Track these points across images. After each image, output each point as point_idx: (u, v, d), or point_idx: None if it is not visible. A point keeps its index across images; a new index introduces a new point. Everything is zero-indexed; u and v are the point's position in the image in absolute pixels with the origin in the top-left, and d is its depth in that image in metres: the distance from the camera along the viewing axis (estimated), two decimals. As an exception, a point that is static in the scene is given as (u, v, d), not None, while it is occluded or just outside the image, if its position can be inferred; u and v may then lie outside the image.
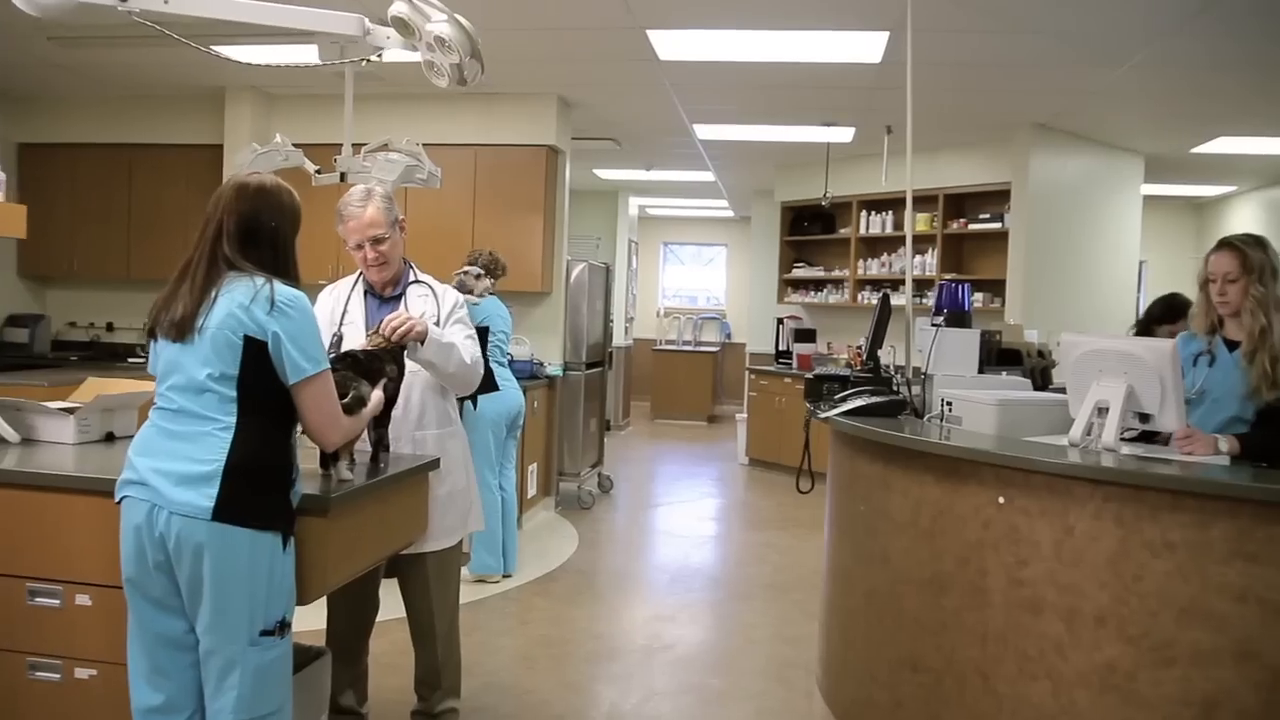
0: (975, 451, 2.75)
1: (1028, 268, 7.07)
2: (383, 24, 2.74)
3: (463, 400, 4.98)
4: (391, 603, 3.14)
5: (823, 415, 3.41)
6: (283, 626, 2.17)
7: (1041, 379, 4.41)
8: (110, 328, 7.23)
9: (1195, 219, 10.69)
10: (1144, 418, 2.74)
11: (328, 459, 2.41)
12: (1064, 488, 2.54)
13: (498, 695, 3.65)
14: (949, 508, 2.85)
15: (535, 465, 6.45)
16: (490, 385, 4.98)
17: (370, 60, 2.83)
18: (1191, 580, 2.31)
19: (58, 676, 2.40)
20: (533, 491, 6.42)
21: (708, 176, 10.01)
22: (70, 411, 2.84)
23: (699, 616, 4.77)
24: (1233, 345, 2.90)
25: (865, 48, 5.12)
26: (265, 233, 2.21)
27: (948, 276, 4.63)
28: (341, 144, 3.44)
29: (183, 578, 2.09)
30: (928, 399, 3.58)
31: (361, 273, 3.00)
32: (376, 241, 2.88)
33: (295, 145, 4.78)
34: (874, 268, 8.63)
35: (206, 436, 2.10)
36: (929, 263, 7.98)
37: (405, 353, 2.74)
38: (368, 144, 4.78)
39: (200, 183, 5.99)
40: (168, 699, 2.15)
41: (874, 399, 3.39)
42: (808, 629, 4.28)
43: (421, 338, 2.71)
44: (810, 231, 9.25)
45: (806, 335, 8.91)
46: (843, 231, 8.92)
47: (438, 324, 2.91)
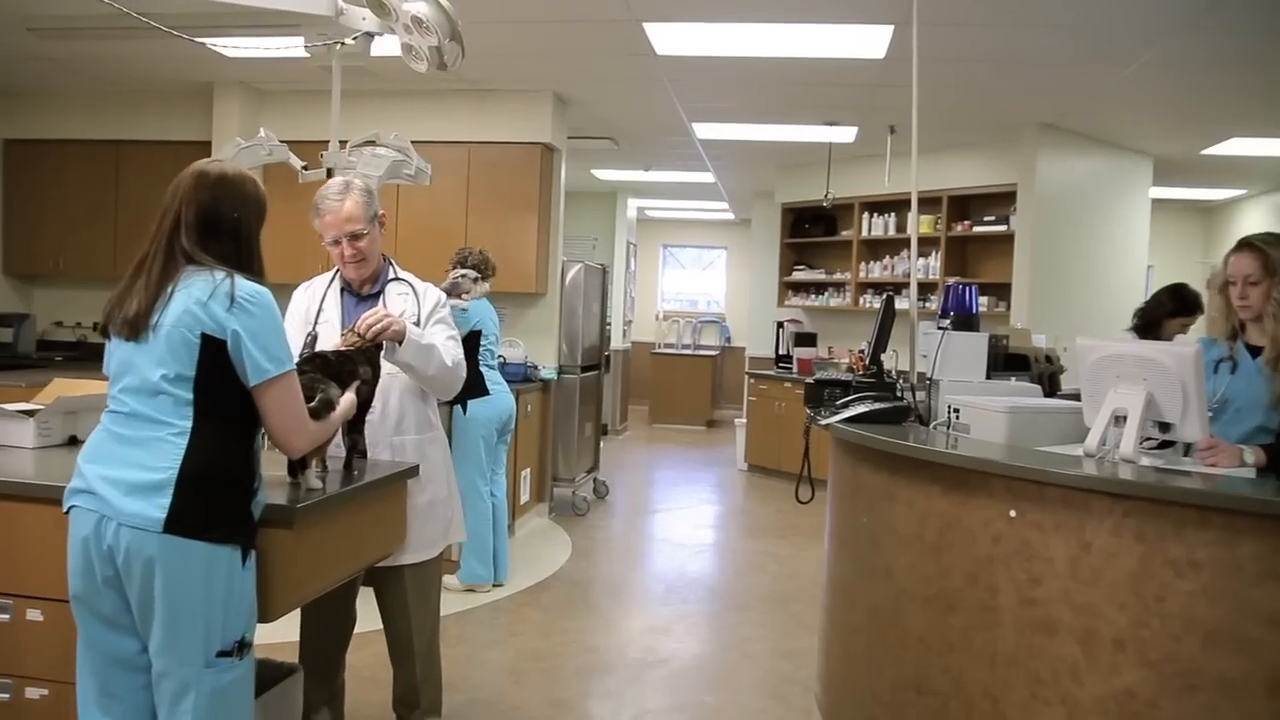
0: (985, 462, 2.60)
1: (1034, 271, 6.92)
2: (358, 4, 2.60)
3: (452, 404, 4.85)
4: (373, 612, 2.97)
5: (823, 422, 3.26)
6: (242, 647, 2.02)
7: (1050, 385, 4.27)
8: (97, 328, 7.05)
9: (1203, 223, 10.54)
10: (1164, 427, 2.58)
11: (296, 466, 2.27)
12: (1080, 501, 2.39)
13: (482, 712, 3.50)
14: (957, 521, 2.70)
15: (529, 470, 6.29)
16: (480, 389, 4.84)
17: (349, 43, 2.68)
18: (1220, 602, 2.16)
19: (7, 696, 2.29)
20: (526, 497, 6.27)
21: (707, 178, 9.86)
22: (30, 414, 2.70)
23: (695, 629, 4.62)
24: (1255, 351, 2.77)
25: (869, 42, 4.97)
26: (227, 224, 2.07)
27: (952, 280, 4.51)
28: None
29: (133, 594, 1.94)
30: (933, 405, 3.44)
31: (338, 269, 2.86)
32: (354, 237, 2.72)
33: (285, 142, 4.64)
34: (876, 271, 8.49)
35: (160, 442, 1.95)
36: (932, 266, 7.84)
37: (382, 354, 2.59)
38: (354, 139, 4.64)
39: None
40: (118, 724, 2.00)
41: (877, 405, 3.23)
42: (807, 643, 4.13)
43: (399, 337, 2.56)
44: (811, 233, 9.10)
45: (807, 339, 8.76)
46: (844, 234, 8.78)
47: (418, 324, 2.76)
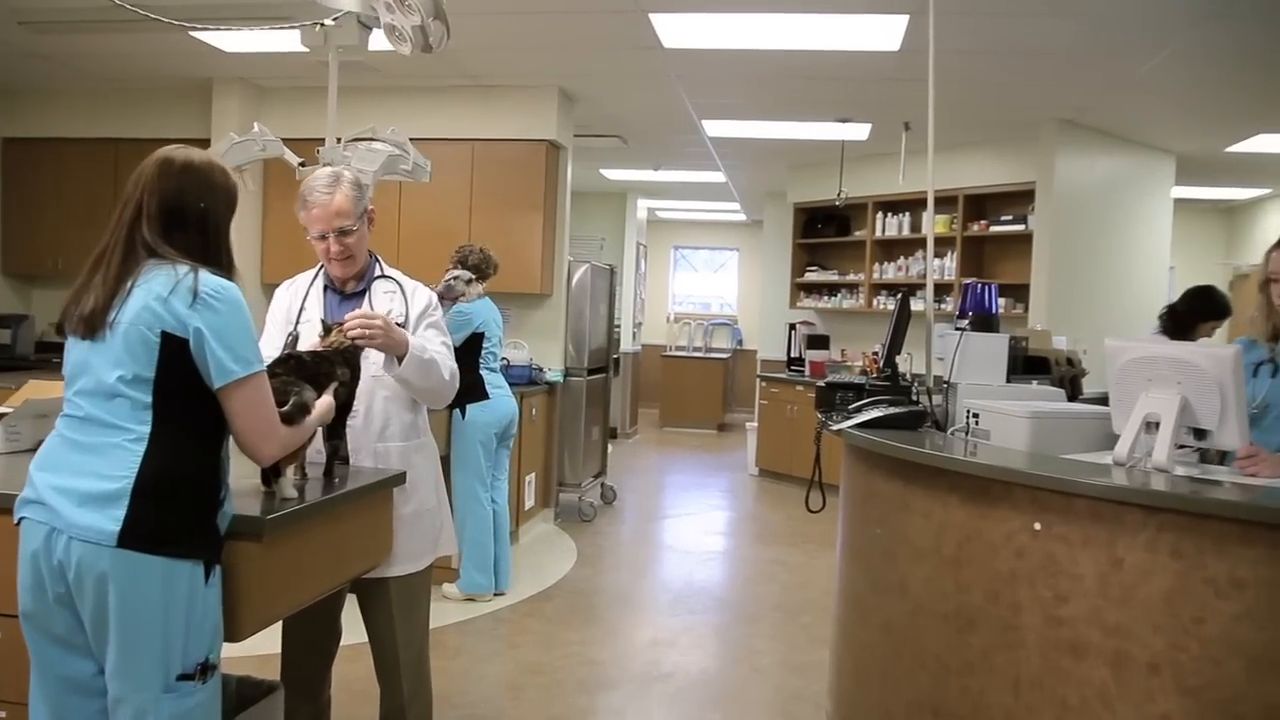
0: (1008, 471, 2.42)
1: (1052, 272, 6.73)
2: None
3: (450, 409, 4.70)
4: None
5: (835, 427, 3.09)
6: (205, 670, 1.87)
7: (1071, 389, 4.10)
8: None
9: (1225, 223, 10.31)
10: (1200, 434, 2.41)
11: (270, 474, 2.12)
12: (1112, 514, 2.22)
13: (477, 730, 3.35)
14: (977, 533, 2.53)
15: (533, 475, 6.14)
16: (480, 393, 4.69)
17: (329, 24, 2.53)
18: (1267, 625, 1.98)
19: (-38, 718, 2.13)
20: (530, 503, 6.12)
21: (718, 177, 9.70)
22: (-1, 417, 2.57)
23: (701, 641, 4.45)
24: (1297, 353, 2.59)
25: (883, 34, 4.80)
26: (192, 214, 1.93)
27: (968, 280, 4.35)
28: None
29: (86, 613, 1.80)
30: (950, 410, 3.27)
31: (322, 266, 2.71)
32: (343, 234, 2.56)
33: (285, 139, 4.49)
34: (890, 271, 8.31)
35: (115, 449, 1.81)
36: (948, 266, 7.66)
37: (383, 367, 2.47)
38: (350, 133, 4.49)
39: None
40: (72, 753, 1.86)
41: (892, 410, 3.06)
42: (817, 657, 3.96)
43: (399, 351, 2.43)
44: (824, 234, 8.92)
45: (819, 341, 8.58)
46: (858, 234, 8.61)
47: (404, 325, 2.61)
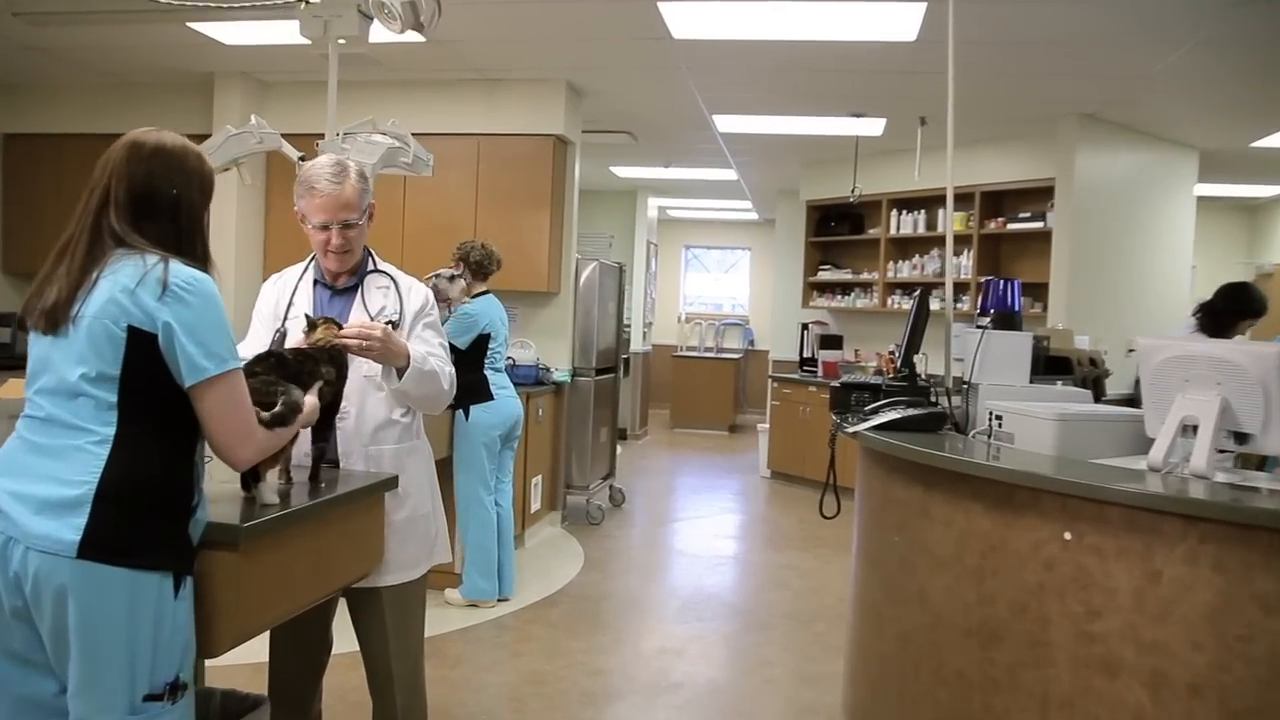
0: (1037, 477, 2.28)
1: (1072, 270, 6.55)
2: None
3: (453, 409, 4.57)
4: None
5: (851, 429, 2.95)
6: (174, 689, 1.74)
7: (1094, 390, 3.95)
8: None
9: (1247, 222, 10.10)
10: (1240, 438, 2.27)
11: (249, 478, 2.00)
12: (1149, 524, 2.07)
13: (476, 744, 3.22)
14: (1002, 543, 2.39)
15: (540, 478, 6.01)
16: (484, 394, 4.56)
17: (312, 3, 2.40)
18: (1321, 647, 1.84)
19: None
20: (537, 506, 5.98)
21: (730, 175, 9.55)
22: (-29, 418, 2.44)
23: (711, 650, 4.31)
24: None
25: (899, 23, 4.64)
26: (164, 201, 1.80)
27: (989, 277, 4.22)
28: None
29: (44, 629, 1.67)
30: (970, 412, 3.13)
31: (312, 259, 2.58)
32: (346, 226, 2.42)
33: (288, 135, 4.38)
34: (905, 270, 8.14)
35: (77, 452, 1.68)
36: (964, 265, 7.49)
37: (380, 378, 2.36)
38: (349, 125, 4.36)
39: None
40: (32, 779, 1.73)
41: (911, 411, 2.92)
42: (831, 667, 3.82)
43: (400, 362, 2.32)
44: (837, 232, 8.76)
45: (832, 341, 8.43)
46: (871, 232, 8.45)
47: (397, 324, 2.47)
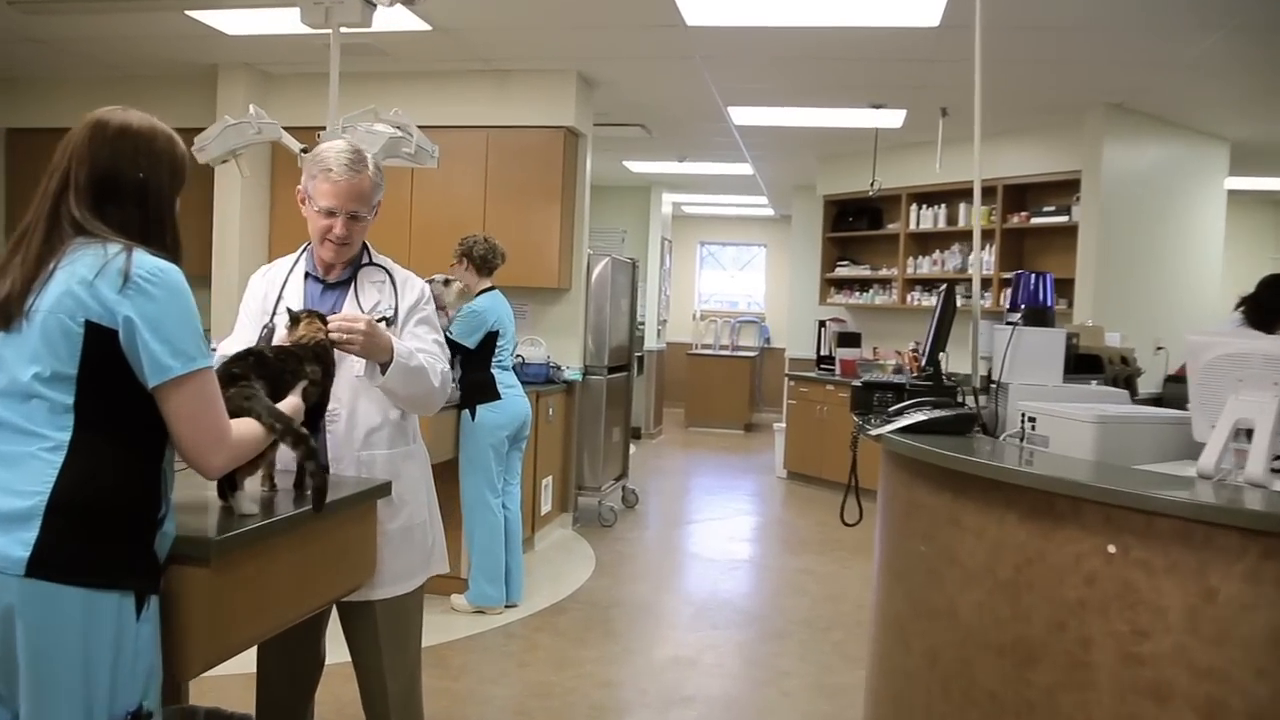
0: (1078, 485, 2.10)
1: (1100, 265, 6.34)
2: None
3: (460, 409, 4.43)
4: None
5: (874, 432, 2.78)
6: (137, 718, 1.60)
7: (1126, 389, 3.76)
8: None
9: (1276, 216, 9.84)
10: (1300, 443, 2.09)
11: (225, 486, 1.85)
12: (1203, 537, 1.89)
13: (479, 762, 3.07)
14: (1039, 555, 2.21)
15: (550, 479, 5.86)
16: (491, 393, 4.41)
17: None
18: (1404, 677, 1.66)
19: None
20: (547, 507, 5.84)
21: (745, 169, 9.37)
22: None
23: (725, 660, 4.14)
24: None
25: (921, 7, 4.45)
26: (129, 186, 1.66)
27: (1019, 271, 4.06)
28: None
29: (-7, 653, 1.53)
30: (1000, 413, 2.95)
31: (304, 251, 2.43)
32: (353, 218, 2.28)
33: (292, 127, 4.23)
34: (925, 266, 7.95)
35: (29, 460, 1.54)
36: (987, 260, 7.29)
37: (364, 374, 2.20)
38: (351, 114, 4.21)
39: (192, 169, 5.47)
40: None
41: (939, 412, 2.74)
42: (850, 679, 3.65)
43: (383, 357, 2.16)
44: (855, 227, 8.57)
45: (850, 339, 8.23)
46: (890, 227, 8.26)
47: (392, 321, 2.32)
